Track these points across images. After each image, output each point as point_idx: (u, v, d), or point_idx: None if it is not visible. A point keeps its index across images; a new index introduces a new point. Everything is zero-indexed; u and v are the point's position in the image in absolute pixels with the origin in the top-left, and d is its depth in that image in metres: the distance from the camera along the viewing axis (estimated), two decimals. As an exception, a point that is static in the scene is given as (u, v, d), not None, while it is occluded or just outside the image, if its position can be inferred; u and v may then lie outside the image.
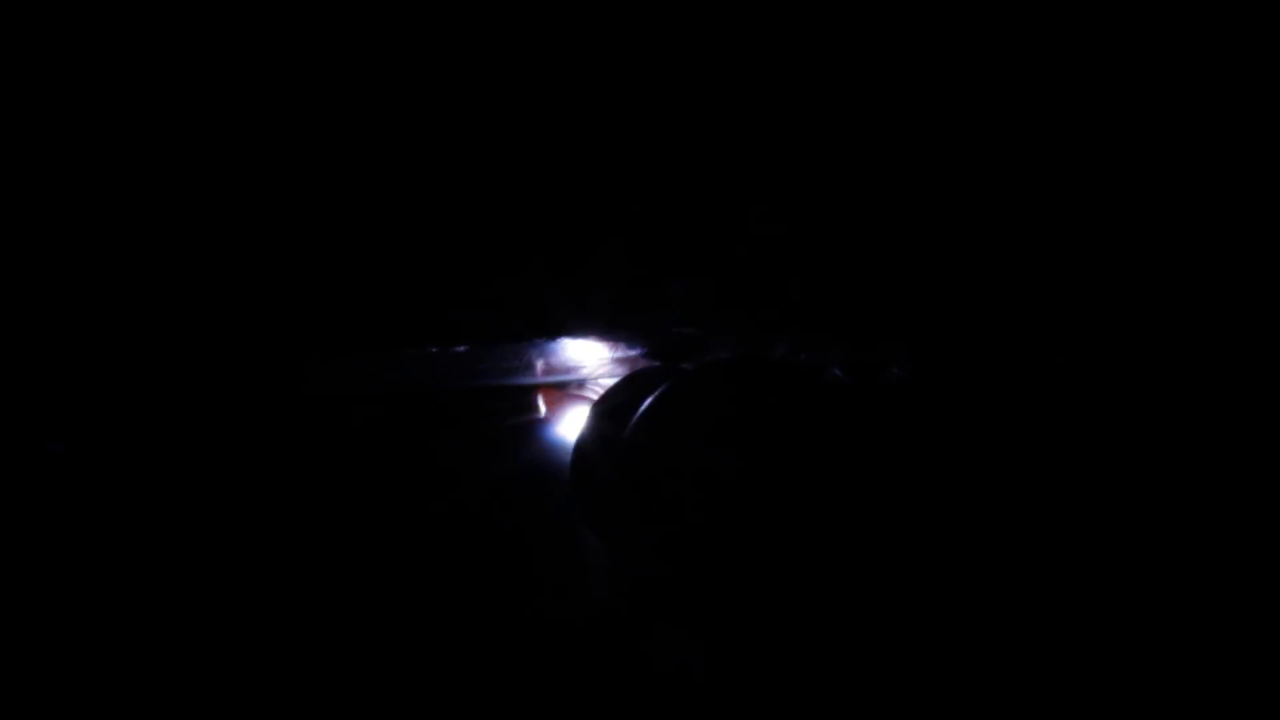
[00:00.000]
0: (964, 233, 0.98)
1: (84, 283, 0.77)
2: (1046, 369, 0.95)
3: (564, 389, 0.88)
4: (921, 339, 0.97)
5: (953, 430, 0.97)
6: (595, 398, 0.85)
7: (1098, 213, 0.93)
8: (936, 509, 0.90)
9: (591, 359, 0.86)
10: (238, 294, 0.80)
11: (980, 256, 0.98)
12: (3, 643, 0.78)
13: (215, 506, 0.84)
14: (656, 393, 0.83)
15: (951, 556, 0.89)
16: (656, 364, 0.87)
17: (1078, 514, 0.91)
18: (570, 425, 0.86)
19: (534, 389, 0.86)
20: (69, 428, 0.85)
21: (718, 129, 0.89)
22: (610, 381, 0.86)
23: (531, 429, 0.87)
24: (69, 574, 0.82)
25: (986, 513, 0.92)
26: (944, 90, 0.87)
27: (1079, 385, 0.93)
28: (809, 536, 0.83)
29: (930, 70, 0.88)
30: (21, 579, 0.81)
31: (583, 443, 0.83)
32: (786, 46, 0.85)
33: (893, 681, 0.86)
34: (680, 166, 0.89)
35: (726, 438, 0.81)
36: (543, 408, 0.88)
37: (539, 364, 0.83)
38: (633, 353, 0.86)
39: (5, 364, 0.77)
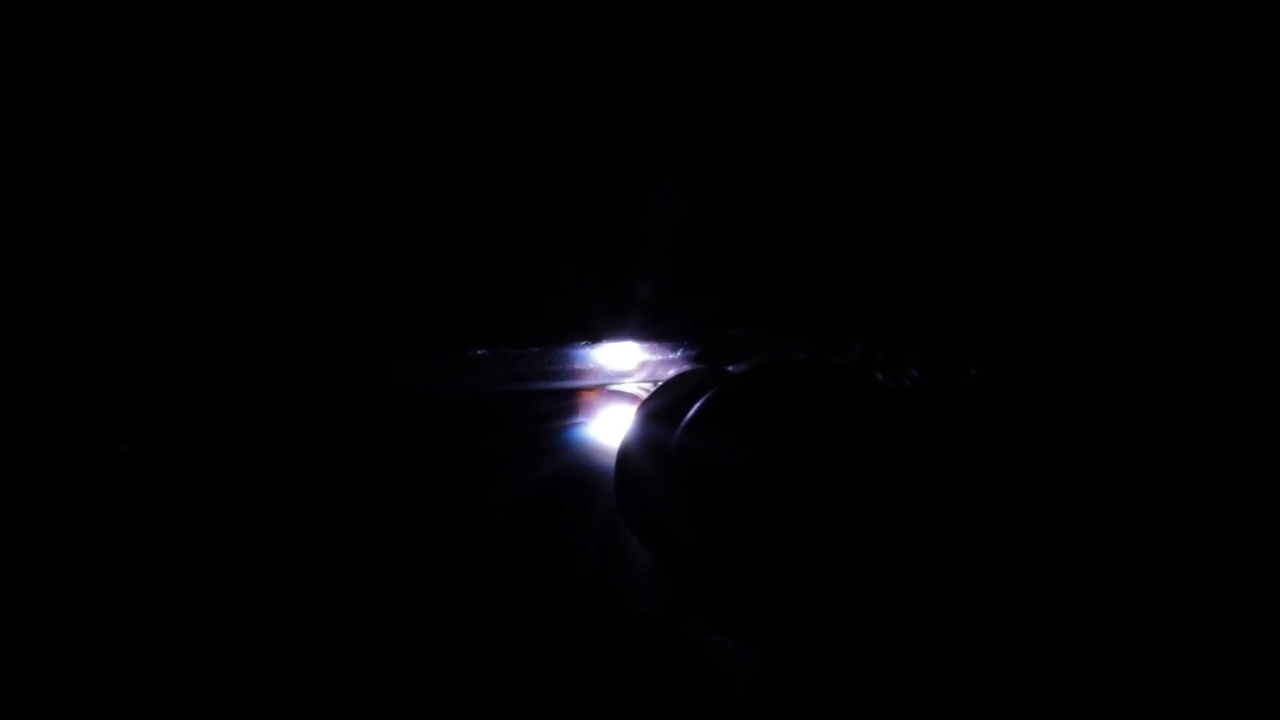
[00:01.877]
0: (1048, 229, 0.94)
1: (145, 283, 0.80)
2: (1124, 372, 0.90)
3: (607, 392, 0.87)
4: (1001, 338, 0.93)
5: (1030, 434, 0.93)
6: (640, 400, 0.84)
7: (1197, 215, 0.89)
8: (1013, 517, 0.87)
9: (634, 361, 0.85)
10: (302, 293, 0.82)
11: (1064, 254, 0.94)
12: (72, 641, 0.81)
13: (284, 511, 0.85)
14: (708, 394, 0.81)
15: (1033, 567, 0.85)
16: (702, 367, 0.85)
17: (1164, 522, 0.86)
18: (615, 429, 0.85)
19: (577, 392, 0.86)
20: (140, 429, 0.88)
21: (781, 113, 0.87)
22: (655, 384, 0.84)
23: (574, 433, 0.86)
24: (140, 575, 0.83)
25: (1070, 522, 0.87)
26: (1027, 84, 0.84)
27: (1156, 388, 0.88)
28: (875, 548, 0.80)
29: (1013, 65, 0.85)
30: (93, 580, 0.82)
31: (628, 447, 0.82)
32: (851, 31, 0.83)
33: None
34: (739, 152, 0.88)
35: (786, 443, 0.79)
36: (586, 411, 0.87)
37: (581, 367, 0.83)
38: (677, 355, 0.85)
39: (76, 364, 0.81)
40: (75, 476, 0.85)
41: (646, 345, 0.83)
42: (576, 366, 0.82)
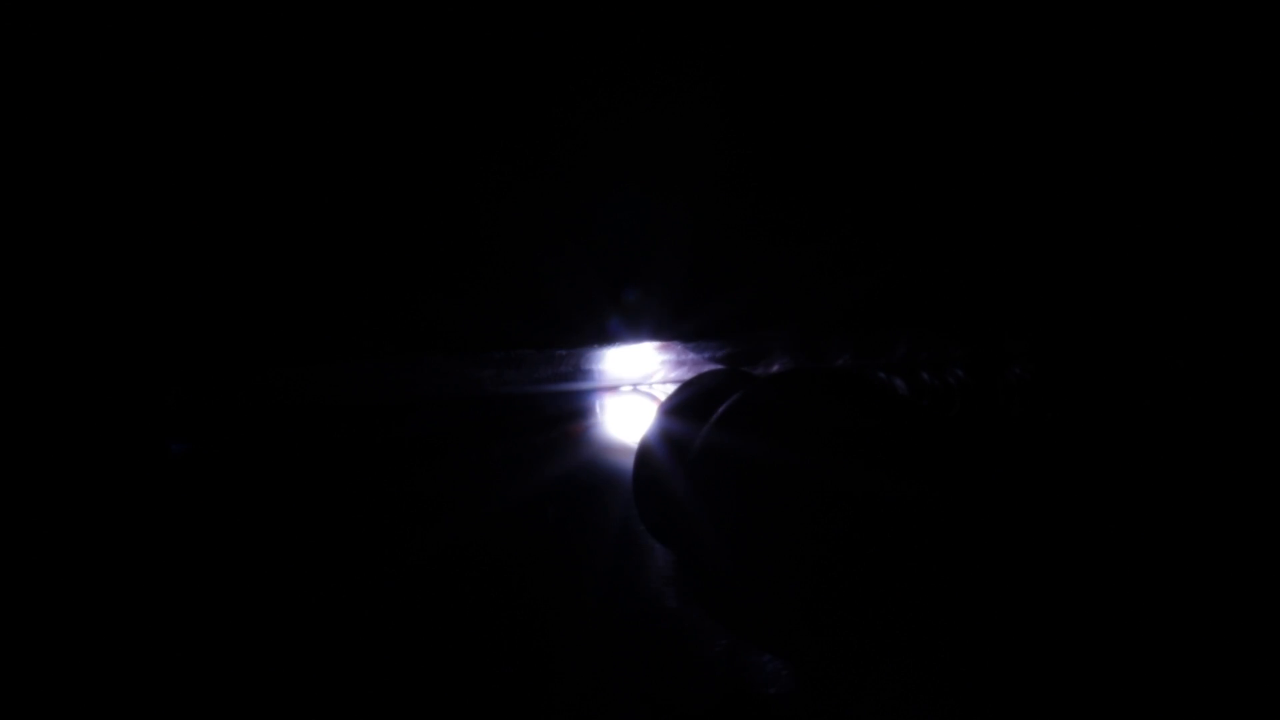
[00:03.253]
0: (1094, 229, 0.92)
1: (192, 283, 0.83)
2: (1168, 371, 0.87)
3: (625, 393, 0.88)
4: (1046, 337, 0.91)
5: (1076, 434, 0.91)
6: (659, 402, 0.84)
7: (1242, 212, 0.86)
8: (1058, 522, 0.84)
9: (653, 363, 0.85)
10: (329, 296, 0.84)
11: (1110, 254, 0.91)
12: (124, 640, 0.81)
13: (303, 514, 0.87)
14: (738, 395, 0.81)
15: (1077, 573, 0.82)
16: (722, 368, 0.85)
17: (1206, 523, 0.82)
18: (633, 431, 0.85)
19: (594, 393, 0.86)
20: (191, 428, 0.91)
21: (821, 105, 0.87)
22: (673, 386, 0.84)
23: (592, 434, 0.86)
24: (190, 575, 0.83)
25: (1115, 524, 0.85)
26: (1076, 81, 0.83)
27: (1198, 389, 0.84)
28: (909, 555, 0.78)
29: (1063, 62, 0.84)
30: (144, 579, 0.82)
31: (648, 447, 0.82)
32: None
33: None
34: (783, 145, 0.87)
35: (820, 447, 0.78)
36: (604, 413, 0.87)
37: (598, 369, 0.83)
38: (696, 357, 0.85)
39: (126, 364, 0.84)
40: (128, 474, 0.89)
41: (664, 346, 0.83)
42: (594, 368, 0.83)
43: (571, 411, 0.85)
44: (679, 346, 0.84)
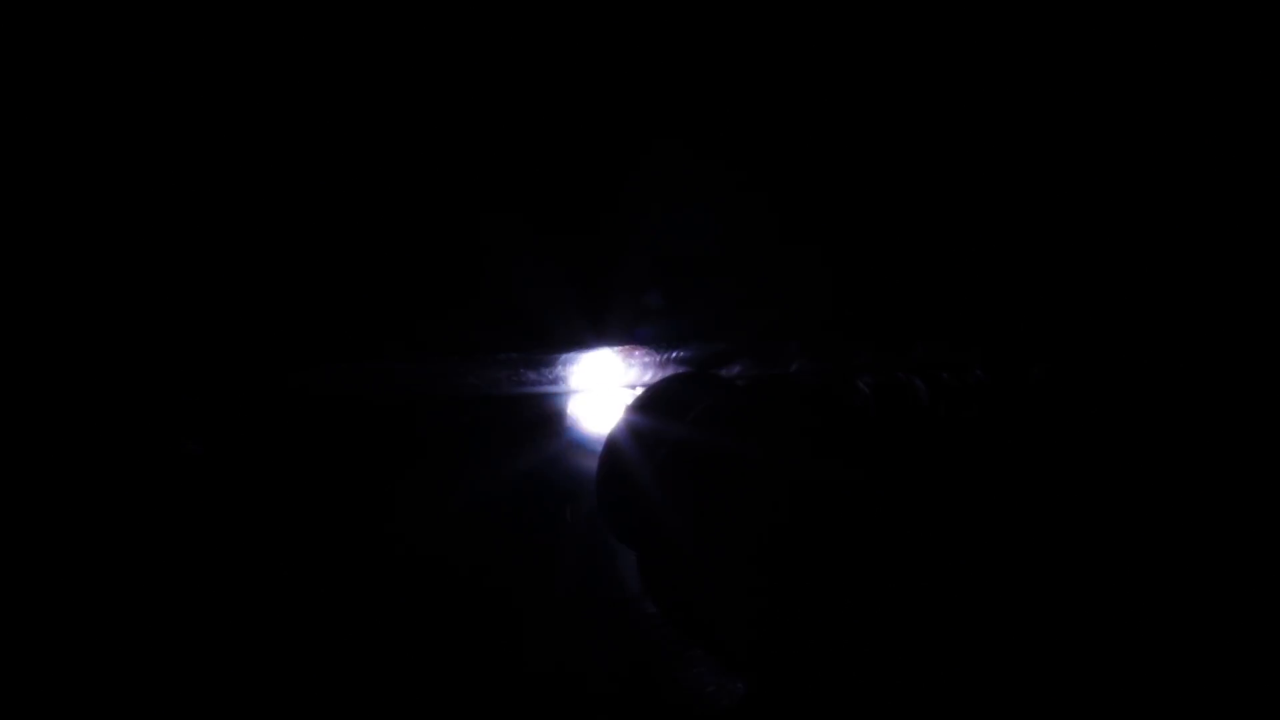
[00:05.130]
0: (1115, 223, 0.89)
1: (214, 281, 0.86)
2: (1195, 372, 0.85)
3: (591, 397, 0.89)
4: (1066, 336, 0.89)
5: (1092, 434, 0.89)
6: (626, 405, 0.85)
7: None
8: (1056, 521, 0.83)
9: (622, 367, 0.86)
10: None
11: (1128, 256, 0.89)
12: (141, 642, 0.84)
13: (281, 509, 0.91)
14: (712, 399, 0.81)
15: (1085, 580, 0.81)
16: (690, 371, 0.85)
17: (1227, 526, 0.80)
18: (598, 433, 0.86)
19: (565, 397, 0.88)
20: (207, 428, 0.96)
21: (815, 107, 0.86)
22: (641, 389, 0.85)
23: (560, 436, 0.88)
24: (207, 574, 0.87)
25: (1135, 530, 0.82)
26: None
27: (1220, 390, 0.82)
28: (879, 556, 0.78)
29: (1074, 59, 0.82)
30: (161, 579, 0.86)
31: (614, 450, 0.83)
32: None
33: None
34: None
35: (791, 450, 0.78)
36: (573, 416, 0.89)
37: (569, 372, 0.84)
38: (662, 358, 0.85)
39: (141, 363, 0.86)
40: (147, 472, 0.94)
41: (631, 351, 0.84)
42: (565, 371, 0.84)
43: (540, 414, 0.87)
44: (646, 351, 0.85)
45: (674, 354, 0.84)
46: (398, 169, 0.84)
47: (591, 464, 0.83)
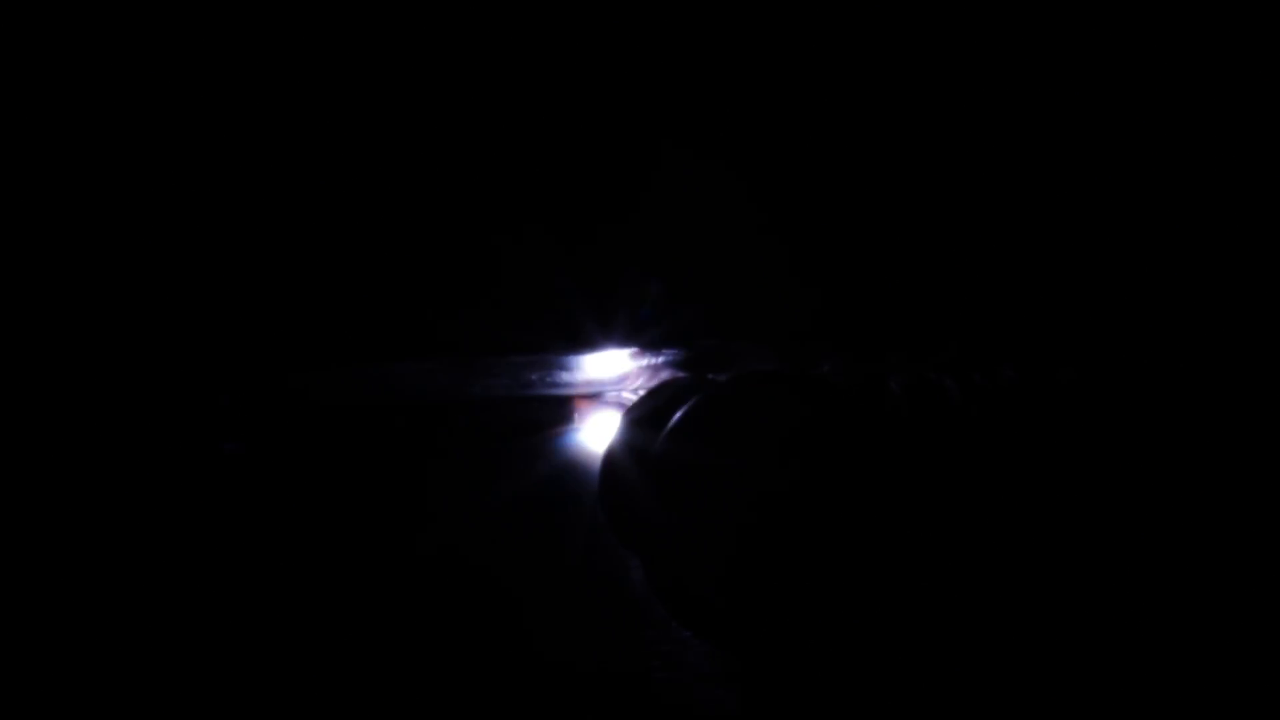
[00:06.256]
0: (1146, 226, 0.87)
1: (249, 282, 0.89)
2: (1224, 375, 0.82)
3: (594, 400, 0.89)
4: (1039, 336, 0.88)
5: (1123, 439, 0.87)
6: (626, 408, 0.85)
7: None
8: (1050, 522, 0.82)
9: (622, 369, 0.86)
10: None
11: (1161, 252, 0.87)
12: (180, 640, 0.87)
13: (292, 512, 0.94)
14: (691, 402, 0.81)
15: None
16: (684, 375, 0.85)
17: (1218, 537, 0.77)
18: (600, 436, 0.87)
19: (564, 400, 0.88)
20: (245, 429, 1.00)
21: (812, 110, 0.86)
22: (642, 392, 0.85)
23: (560, 440, 0.89)
24: (243, 574, 0.90)
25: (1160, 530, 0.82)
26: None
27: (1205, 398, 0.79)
28: (858, 555, 0.78)
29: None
30: (198, 579, 0.89)
31: (612, 454, 0.84)
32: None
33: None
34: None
35: (768, 450, 0.77)
36: (574, 419, 0.89)
37: (567, 375, 0.85)
38: (661, 360, 0.85)
39: (179, 364, 0.88)
40: (185, 471, 0.99)
41: (633, 353, 0.84)
42: (562, 374, 0.85)
43: (541, 418, 0.88)
44: (646, 353, 0.85)
45: (676, 356, 0.84)
46: (399, 173, 0.86)
47: (595, 467, 0.84)
